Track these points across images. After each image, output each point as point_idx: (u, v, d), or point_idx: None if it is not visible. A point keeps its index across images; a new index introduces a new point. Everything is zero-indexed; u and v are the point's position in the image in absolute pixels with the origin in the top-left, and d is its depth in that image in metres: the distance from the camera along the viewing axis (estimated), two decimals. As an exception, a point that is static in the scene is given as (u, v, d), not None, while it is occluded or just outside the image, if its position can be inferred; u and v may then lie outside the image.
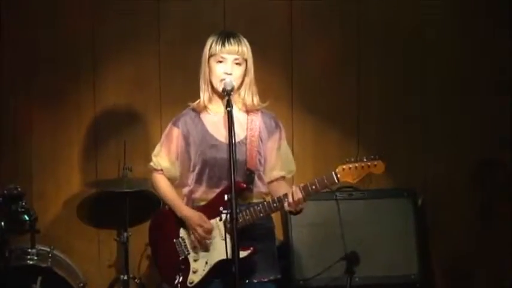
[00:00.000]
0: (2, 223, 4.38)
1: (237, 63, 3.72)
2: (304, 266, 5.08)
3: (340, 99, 5.51)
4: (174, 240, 3.80)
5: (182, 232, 3.79)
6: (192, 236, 3.75)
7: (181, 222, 3.79)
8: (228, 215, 3.53)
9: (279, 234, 5.12)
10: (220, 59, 3.71)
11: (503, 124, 5.51)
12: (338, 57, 5.51)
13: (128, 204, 5.02)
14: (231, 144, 3.50)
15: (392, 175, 5.38)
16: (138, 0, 5.42)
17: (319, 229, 5.11)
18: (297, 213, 3.70)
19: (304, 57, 5.49)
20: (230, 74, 3.69)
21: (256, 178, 3.77)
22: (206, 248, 3.73)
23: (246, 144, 3.74)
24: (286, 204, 3.65)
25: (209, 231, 3.71)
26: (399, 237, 5.17)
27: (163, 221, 3.89)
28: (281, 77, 5.47)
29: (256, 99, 3.80)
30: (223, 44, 3.71)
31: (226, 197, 3.57)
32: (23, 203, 4.51)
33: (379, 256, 5.10)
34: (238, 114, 3.76)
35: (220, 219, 3.69)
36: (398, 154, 5.36)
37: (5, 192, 4.49)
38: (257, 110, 3.82)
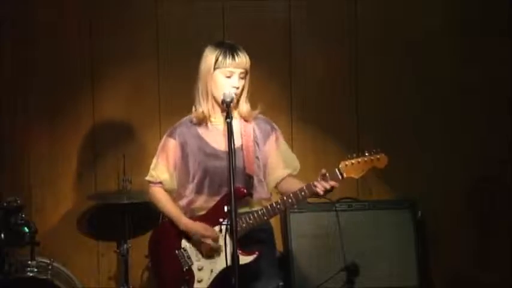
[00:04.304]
0: (2, 235, 4.39)
1: (241, 78, 3.71)
2: (304, 277, 5.08)
3: (339, 110, 5.51)
4: (176, 251, 3.78)
5: (184, 243, 3.78)
6: (201, 247, 3.73)
7: (183, 233, 3.78)
8: (228, 227, 3.49)
9: (278, 245, 5.12)
10: (228, 74, 3.68)
11: (503, 141, 5.51)
12: (337, 69, 5.52)
13: (128, 216, 5.02)
14: (231, 156, 3.45)
15: (393, 186, 5.39)
16: (136, 13, 5.43)
17: (319, 240, 5.11)
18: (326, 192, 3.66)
19: (303, 69, 5.49)
20: (238, 88, 3.69)
21: (256, 183, 3.76)
22: (218, 253, 3.71)
23: (242, 150, 3.73)
24: (319, 185, 3.61)
25: (216, 239, 3.70)
26: (399, 248, 5.17)
27: (164, 234, 3.87)
28: (280, 88, 5.48)
29: (248, 109, 3.79)
30: (233, 58, 3.67)
31: (226, 208, 3.55)
32: (23, 215, 4.50)
33: (379, 267, 5.10)
34: (233, 122, 3.70)
35: (221, 231, 3.68)
36: (399, 166, 5.33)
37: (5, 204, 4.48)
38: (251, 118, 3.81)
